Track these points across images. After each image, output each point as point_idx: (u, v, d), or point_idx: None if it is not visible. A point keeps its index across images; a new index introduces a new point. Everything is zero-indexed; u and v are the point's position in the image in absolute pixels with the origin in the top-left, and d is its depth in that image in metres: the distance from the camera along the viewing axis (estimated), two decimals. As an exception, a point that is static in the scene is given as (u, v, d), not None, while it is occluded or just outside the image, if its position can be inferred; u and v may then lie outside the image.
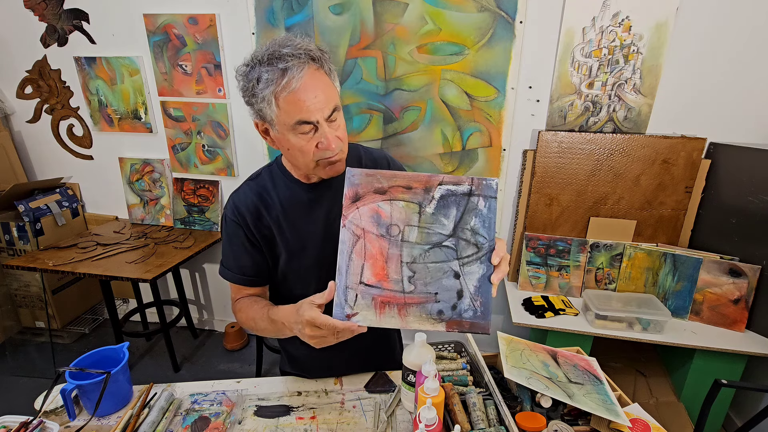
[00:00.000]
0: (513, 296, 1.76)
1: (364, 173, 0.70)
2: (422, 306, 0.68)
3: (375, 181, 0.70)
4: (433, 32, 1.72)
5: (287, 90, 0.71)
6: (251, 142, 2.06)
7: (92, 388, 0.79)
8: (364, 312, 0.67)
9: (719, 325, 1.55)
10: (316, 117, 0.74)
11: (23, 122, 2.27)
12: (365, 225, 0.69)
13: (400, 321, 0.68)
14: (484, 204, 0.69)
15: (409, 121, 1.87)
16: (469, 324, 0.68)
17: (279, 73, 0.71)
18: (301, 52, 0.72)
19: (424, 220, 0.69)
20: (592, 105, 1.70)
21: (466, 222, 0.69)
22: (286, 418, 0.84)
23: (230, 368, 2.21)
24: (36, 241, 2.06)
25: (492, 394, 0.82)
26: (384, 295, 0.68)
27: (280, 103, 0.73)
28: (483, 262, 0.69)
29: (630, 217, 1.74)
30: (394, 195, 0.70)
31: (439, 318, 0.68)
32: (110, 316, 2.01)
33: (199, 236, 2.12)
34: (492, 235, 0.69)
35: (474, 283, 0.68)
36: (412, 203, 0.70)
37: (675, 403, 1.56)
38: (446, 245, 0.69)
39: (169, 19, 1.91)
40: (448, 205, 0.69)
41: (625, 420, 0.74)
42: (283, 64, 0.71)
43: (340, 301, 0.67)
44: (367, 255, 0.68)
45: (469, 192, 0.69)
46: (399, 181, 0.70)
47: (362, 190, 0.70)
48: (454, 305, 0.68)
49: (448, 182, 0.70)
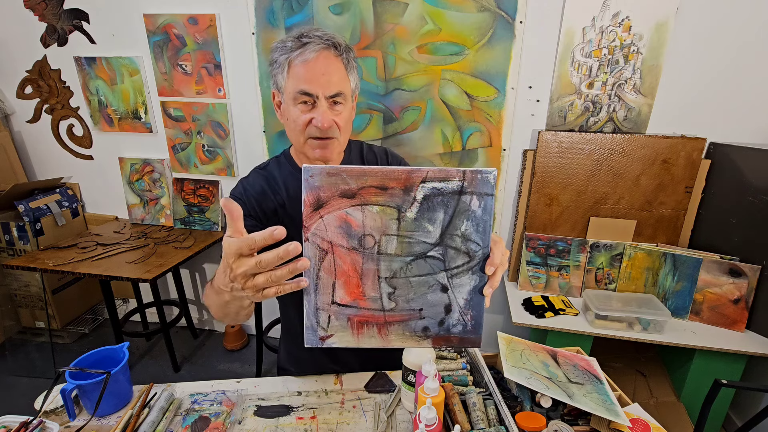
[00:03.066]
0: (513, 296, 1.76)
1: (325, 172, 0.55)
2: (405, 324, 0.61)
3: (340, 181, 0.55)
4: (433, 32, 1.72)
5: (299, 59, 0.78)
6: (251, 142, 2.06)
7: (92, 388, 0.79)
8: (340, 333, 0.60)
9: (719, 325, 1.55)
10: (317, 91, 0.78)
11: (23, 122, 2.27)
12: (332, 237, 0.57)
13: (380, 340, 0.61)
14: (478, 204, 0.57)
15: (409, 121, 1.87)
16: (459, 339, 0.61)
17: (299, 44, 0.78)
18: (328, 37, 0.79)
19: (405, 228, 0.57)
20: (592, 105, 1.70)
21: (455, 227, 0.57)
22: (286, 418, 0.84)
23: (230, 368, 2.21)
24: (36, 241, 2.06)
25: (492, 394, 0.82)
26: (361, 314, 0.60)
27: (290, 70, 0.79)
28: (475, 272, 0.59)
29: (630, 217, 1.74)
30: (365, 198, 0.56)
31: (425, 335, 0.61)
32: (110, 316, 2.01)
33: (199, 236, 2.12)
34: (487, 241, 0.58)
35: (464, 296, 0.60)
36: (388, 207, 0.57)
37: (675, 403, 1.56)
38: (432, 255, 0.58)
39: (169, 19, 1.91)
40: (433, 207, 0.57)
41: (625, 420, 0.74)
42: (306, 39, 0.78)
43: (312, 324, 0.60)
44: (338, 272, 0.58)
45: (459, 189, 0.56)
46: (371, 181, 0.56)
47: (325, 194, 0.56)
48: (442, 321, 0.61)
49: (433, 178, 0.56)
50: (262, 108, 1.97)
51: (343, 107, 0.83)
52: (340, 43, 0.80)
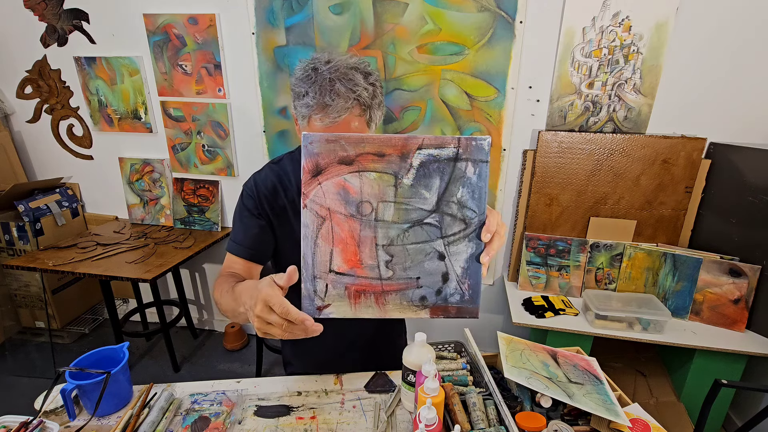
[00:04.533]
0: (513, 296, 1.76)
1: (324, 138, 0.57)
2: (402, 293, 0.61)
3: (338, 148, 0.57)
4: (433, 32, 1.72)
5: (320, 122, 0.77)
6: (251, 142, 2.06)
7: (92, 388, 0.79)
8: (337, 303, 0.60)
9: (719, 325, 1.55)
10: None
11: (23, 122, 2.27)
12: (330, 204, 0.58)
13: (378, 310, 0.61)
14: (473, 170, 0.57)
15: (409, 121, 1.87)
16: (456, 309, 0.61)
17: (321, 106, 0.76)
18: (353, 96, 0.76)
19: (402, 194, 0.58)
20: (592, 105, 1.70)
21: (451, 193, 0.58)
22: (286, 418, 0.84)
23: (230, 368, 2.21)
24: (36, 241, 2.06)
25: (492, 394, 0.82)
26: (358, 283, 0.60)
27: (310, 123, 0.79)
28: (472, 239, 0.59)
29: (630, 217, 1.74)
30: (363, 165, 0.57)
31: (422, 305, 0.61)
32: (110, 316, 2.01)
33: (199, 236, 2.12)
34: (483, 208, 0.59)
35: (461, 264, 0.60)
36: (385, 174, 0.58)
37: (675, 403, 1.56)
38: (428, 222, 0.59)
39: (169, 19, 1.91)
40: (429, 173, 0.58)
41: (625, 420, 0.74)
42: (329, 99, 0.75)
43: (309, 293, 0.60)
44: (336, 239, 0.59)
45: (455, 156, 0.57)
46: (368, 148, 0.57)
47: (324, 161, 0.57)
48: (439, 290, 0.61)
49: (429, 145, 0.57)
50: (262, 108, 1.97)
51: None
52: (365, 102, 0.78)
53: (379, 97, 0.82)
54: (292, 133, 1.99)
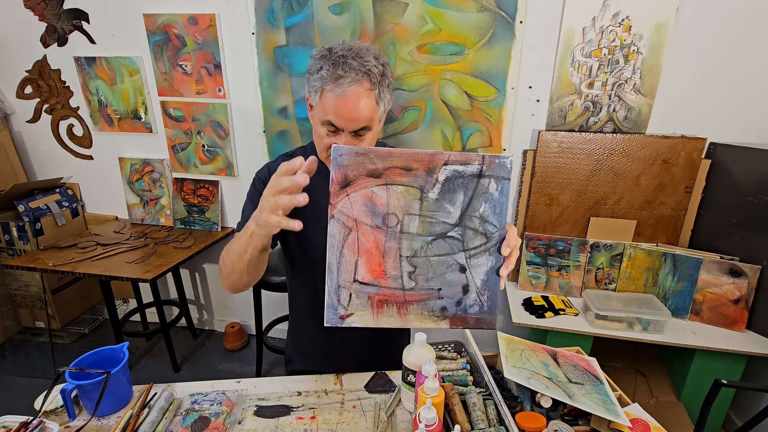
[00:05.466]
0: (513, 296, 1.75)
1: (354, 152, 0.59)
2: (424, 303, 0.63)
3: (368, 161, 0.59)
4: (433, 32, 1.72)
5: (332, 93, 0.79)
6: (251, 142, 2.06)
7: (92, 388, 0.79)
8: (360, 312, 0.62)
9: (719, 325, 1.55)
10: (342, 126, 0.81)
11: (23, 122, 2.27)
12: (357, 215, 0.60)
13: (399, 320, 0.63)
14: (496, 186, 0.60)
15: (409, 121, 1.87)
16: (475, 320, 0.63)
17: (334, 77, 0.79)
18: (364, 70, 0.80)
19: (427, 208, 0.60)
20: (592, 105, 1.70)
21: (474, 208, 0.60)
22: (286, 418, 0.84)
23: (230, 368, 2.21)
24: (36, 241, 2.06)
25: (492, 394, 0.82)
26: (381, 293, 0.62)
27: (323, 97, 0.81)
28: (492, 253, 0.61)
29: (630, 217, 1.74)
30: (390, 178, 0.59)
31: (443, 315, 0.63)
32: (110, 316, 2.01)
33: (199, 236, 2.12)
34: (503, 223, 0.61)
35: (481, 277, 0.62)
36: (412, 188, 0.60)
37: (675, 403, 1.56)
38: (451, 236, 0.61)
39: (169, 19, 1.91)
40: (454, 188, 0.60)
41: (625, 420, 0.74)
42: (342, 71, 0.79)
43: (332, 302, 0.61)
44: (361, 250, 0.61)
45: (479, 173, 0.59)
46: (396, 162, 0.59)
47: (352, 173, 0.59)
48: (459, 301, 0.63)
49: (455, 161, 0.59)
50: (262, 108, 1.97)
51: (367, 135, 0.86)
52: (374, 79, 0.81)
53: (389, 78, 0.86)
54: (292, 133, 1.99)
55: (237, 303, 2.44)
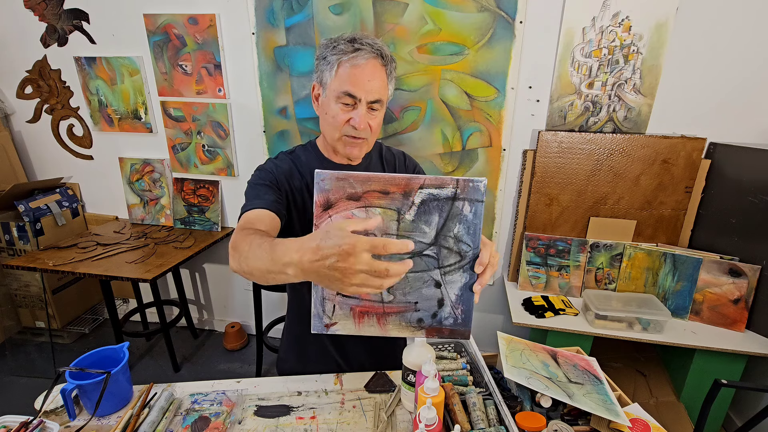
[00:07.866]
0: (513, 296, 1.76)
1: (335, 177, 0.62)
2: (401, 315, 0.68)
3: (347, 185, 0.62)
4: (433, 32, 1.72)
5: (350, 63, 0.84)
6: (251, 142, 2.06)
7: (92, 388, 0.79)
8: (343, 322, 0.68)
9: (719, 325, 1.55)
10: (360, 95, 0.85)
11: (23, 122, 2.27)
12: None
13: (379, 330, 0.69)
14: (469, 209, 0.63)
15: (409, 121, 1.87)
16: (449, 331, 0.68)
17: (351, 49, 0.84)
18: (377, 47, 0.86)
19: (403, 228, 0.64)
20: (592, 105, 1.70)
21: (449, 229, 0.64)
22: (286, 418, 0.84)
23: (230, 368, 2.21)
24: (36, 241, 2.06)
25: (492, 394, 0.82)
26: (362, 305, 0.67)
27: (339, 70, 0.85)
28: (466, 270, 0.66)
29: (630, 217, 1.74)
30: (369, 201, 0.63)
31: (419, 326, 0.69)
32: (110, 316, 2.00)
33: (199, 236, 2.12)
34: (477, 242, 0.65)
35: (455, 292, 0.67)
36: (389, 210, 0.63)
37: (675, 403, 1.56)
38: (427, 254, 0.65)
39: (169, 19, 1.91)
40: (429, 210, 0.63)
41: (625, 420, 0.74)
42: (358, 45, 0.85)
43: (318, 311, 0.67)
44: None
45: (453, 196, 0.63)
46: (374, 186, 0.63)
47: (334, 197, 0.63)
48: (435, 313, 0.68)
49: (430, 185, 0.62)
50: (262, 108, 1.97)
51: (378, 113, 0.90)
52: (386, 54, 0.88)
53: (395, 62, 0.92)
54: (292, 133, 1.99)
55: (237, 303, 2.44)
